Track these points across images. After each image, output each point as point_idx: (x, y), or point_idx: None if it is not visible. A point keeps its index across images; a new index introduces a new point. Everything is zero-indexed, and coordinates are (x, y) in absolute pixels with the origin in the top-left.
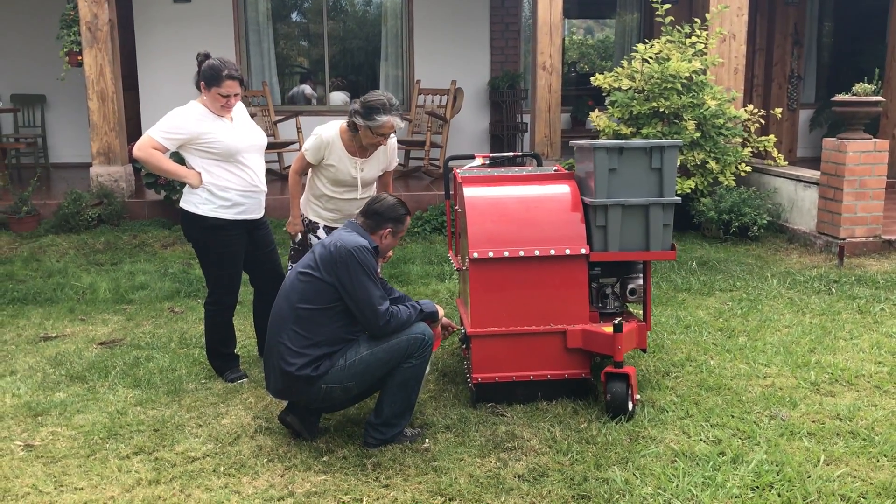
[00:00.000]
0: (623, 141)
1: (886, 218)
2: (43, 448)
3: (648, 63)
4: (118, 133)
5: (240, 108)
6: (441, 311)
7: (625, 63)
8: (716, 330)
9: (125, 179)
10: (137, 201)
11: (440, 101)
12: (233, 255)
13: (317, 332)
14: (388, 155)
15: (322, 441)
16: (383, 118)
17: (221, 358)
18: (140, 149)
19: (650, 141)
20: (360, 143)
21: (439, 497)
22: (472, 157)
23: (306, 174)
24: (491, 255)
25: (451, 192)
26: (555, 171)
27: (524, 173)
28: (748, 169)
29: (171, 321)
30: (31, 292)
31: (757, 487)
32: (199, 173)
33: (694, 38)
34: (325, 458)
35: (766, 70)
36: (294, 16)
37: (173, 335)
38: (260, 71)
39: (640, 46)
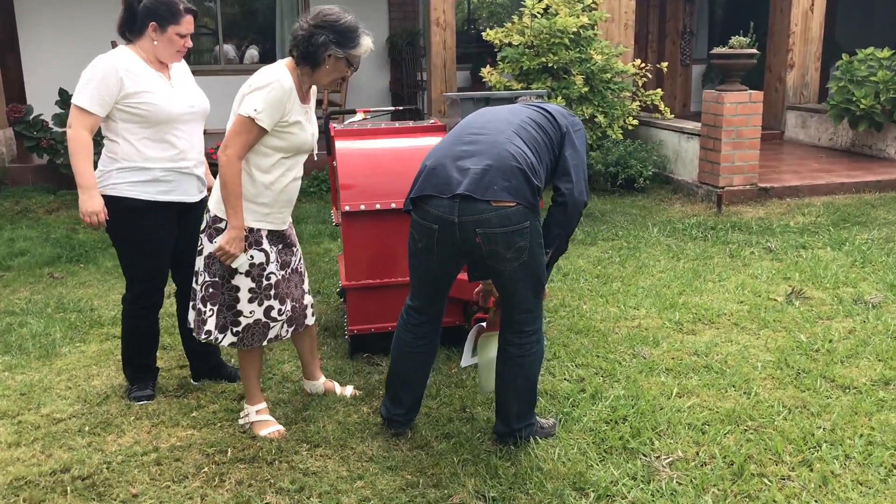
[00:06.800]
0: (488, 92)
1: (764, 167)
2: None
3: (537, 18)
4: None
5: (181, 66)
6: None
7: (515, 18)
8: (593, 277)
9: (5, 144)
10: (20, 166)
11: None
12: (155, 244)
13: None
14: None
15: (192, 398)
16: (366, 40)
17: (134, 368)
18: (71, 126)
19: (515, 91)
20: (314, 83)
21: (305, 444)
22: (354, 112)
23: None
24: (363, 207)
25: (332, 149)
26: (431, 123)
27: (397, 126)
28: (635, 122)
29: (49, 287)
30: None
31: (611, 421)
32: (101, 211)
33: None
34: (194, 414)
35: (661, 26)
36: None
37: (50, 300)
38: None
39: (528, 1)
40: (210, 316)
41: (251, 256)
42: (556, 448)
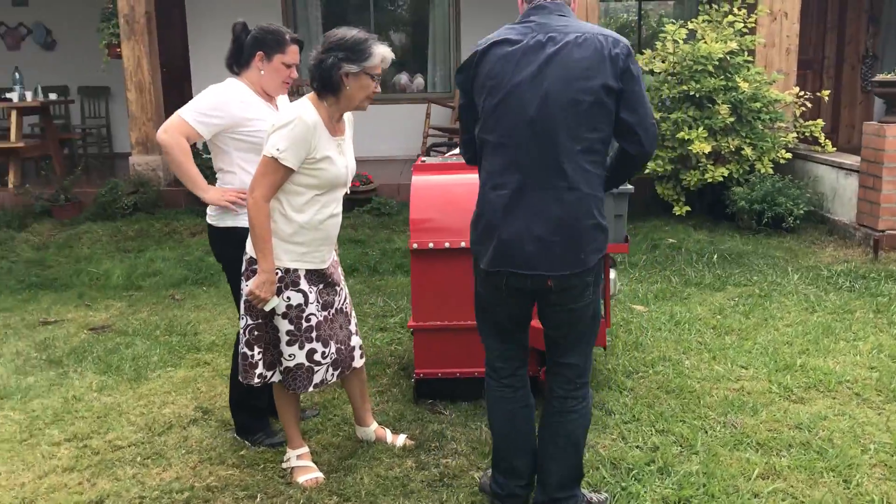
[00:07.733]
0: None
1: None
2: None
3: (678, 44)
4: (156, 123)
5: (285, 99)
6: None
7: (658, 45)
8: (707, 328)
9: (163, 168)
10: (175, 190)
11: None
12: None
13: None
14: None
15: None
16: (379, 49)
17: (248, 411)
18: (167, 131)
19: None
20: (344, 109)
21: (336, 497)
22: (456, 146)
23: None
24: (431, 245)
25: None
26: None
27: None
28: (788, 156)
29: (167, 308)
30: (50, 278)
31: (671, 502)
32: (222, 193)
33: (731, 17)
34: (242, 452)
35: (839, 50)
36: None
37: (163, 322)
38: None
39: (670, 27)
40: (259, 359)
41: (287, 298)
42: None
